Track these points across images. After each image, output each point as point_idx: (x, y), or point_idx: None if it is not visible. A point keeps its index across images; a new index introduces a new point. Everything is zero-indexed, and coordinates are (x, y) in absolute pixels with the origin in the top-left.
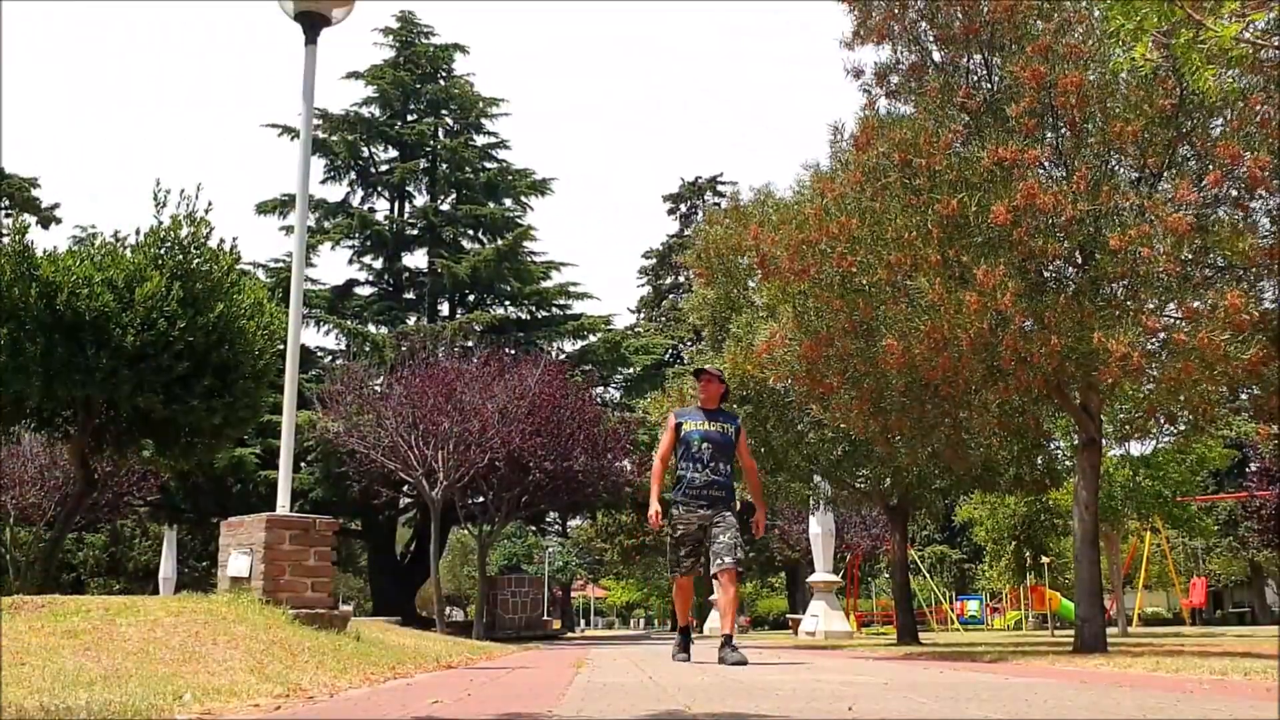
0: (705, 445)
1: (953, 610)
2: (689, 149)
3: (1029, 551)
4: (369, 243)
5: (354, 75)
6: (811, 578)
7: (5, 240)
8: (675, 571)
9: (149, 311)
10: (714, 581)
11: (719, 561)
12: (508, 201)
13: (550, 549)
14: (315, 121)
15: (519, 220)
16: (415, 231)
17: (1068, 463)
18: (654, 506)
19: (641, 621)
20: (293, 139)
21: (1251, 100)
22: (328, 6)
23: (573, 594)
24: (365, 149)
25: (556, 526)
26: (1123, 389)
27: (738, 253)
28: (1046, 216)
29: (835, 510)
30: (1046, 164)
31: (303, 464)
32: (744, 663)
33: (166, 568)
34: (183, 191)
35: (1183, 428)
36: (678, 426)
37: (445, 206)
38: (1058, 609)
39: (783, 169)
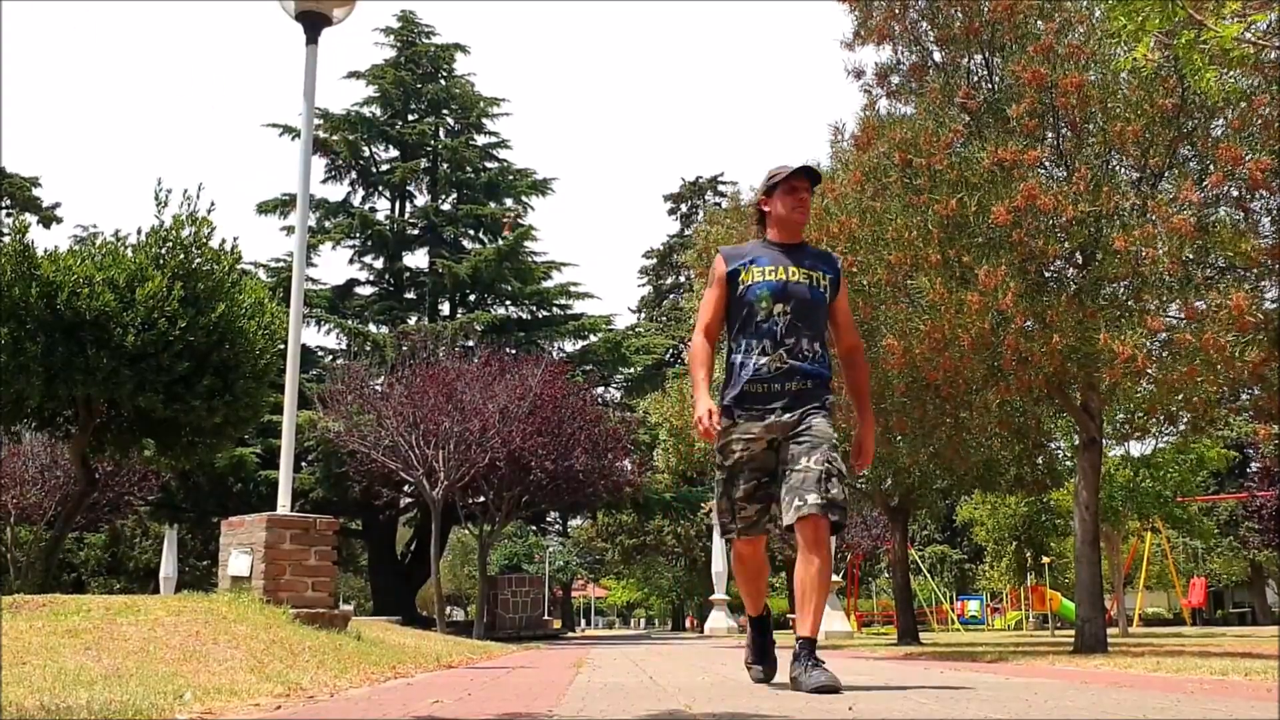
0: (780, 308)
1: (953, 610)
2: (689, 149)
3: (1030, 552)
4: (370, 242)
5: (355, 75)
6: None
7: (6, 240)
8: (731, 531)
9: (150, 311)
10: (797, 536)
11: (799, 502)
12: (508, 201)
13: (551, 549)
14: (316, 121)
15: (520, 220)
16: (416, 231)
17: (1068, 463)
18: (703, 403)
19: (642, 621)
20: (294, 139)
21: (1255, 102)
22: (329, 6)
23: (573, 594)
24: (366, 149)
25: (557, 526)
26: (1124, 389)
27: None
28: (1047, 217)
29: None
30: (1047, 164)
31: (303, 464)
32: (835, 687)
33: (167, 567)
34: (184, 191)
35: (1183, 428)
36: (732, 276)
37: (446, 206)
38: (1058, 609)
39: None
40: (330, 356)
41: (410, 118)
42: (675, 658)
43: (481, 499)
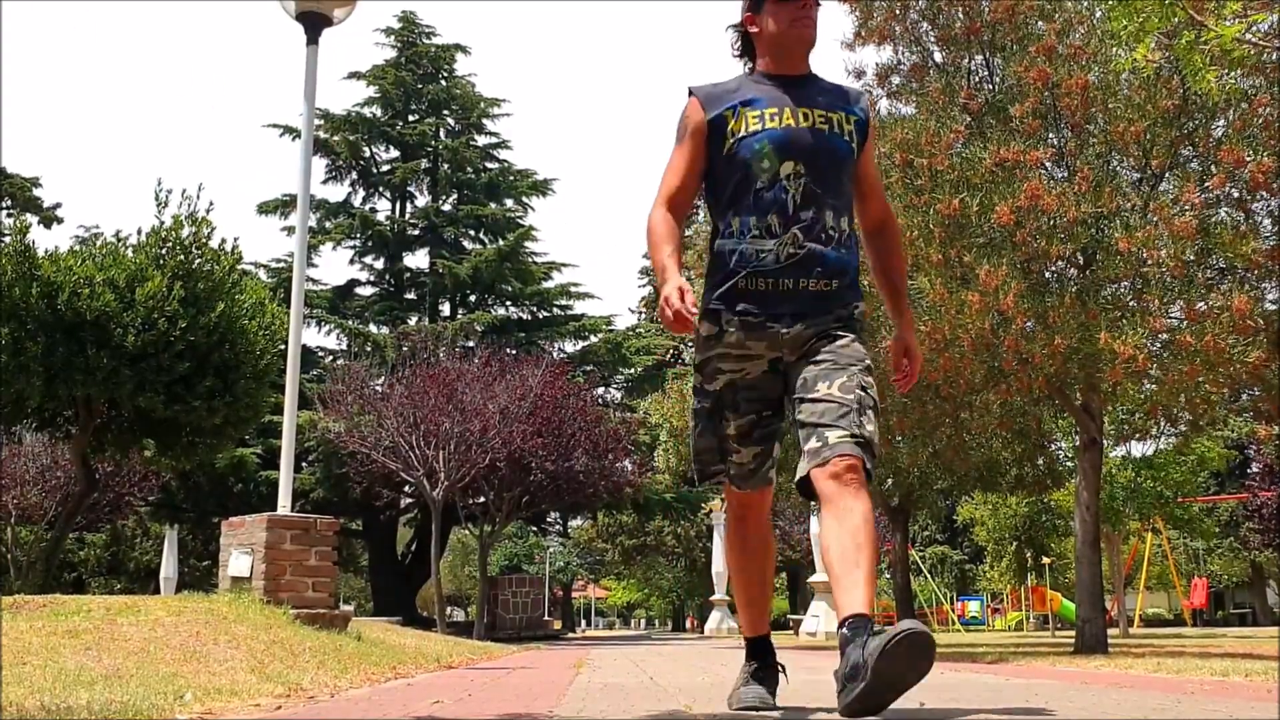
0: (790, 168)
1: (954, 611)
2: None
3: (1030, 552)
4: (370, 243)
5: (355, 75)
6: (812, 578)
7: (7, 240)
8: (712, 475)
9: (150, 311)
10: (816, 489)
11: (816, 442)
12: (509, 202)
13: (551, 549)
14: (317, 122)
15: (520, 220)
16: (416, 232)
17: (1069, 463)
18: (672, 279)
19: (642, 622)
20: (294, 139)
21: (1256, 103)
22: (329, 6)
23: (573, 594)
24: (366, 149)
25: (557, 527)
26: (1124, 389)
27: None
28: (1049, 217)
29: None
30: (1049, 164)
31: (304, 464)
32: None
33: (167, 567)
34: (184, 191)
35: (1183, 428)
36: (715, 126)
37: (446, 207)
38: (1059, 610)
39: None
40: (331, 357)
41: (411, 118)
42: (675, 658)
43: (482, 499)
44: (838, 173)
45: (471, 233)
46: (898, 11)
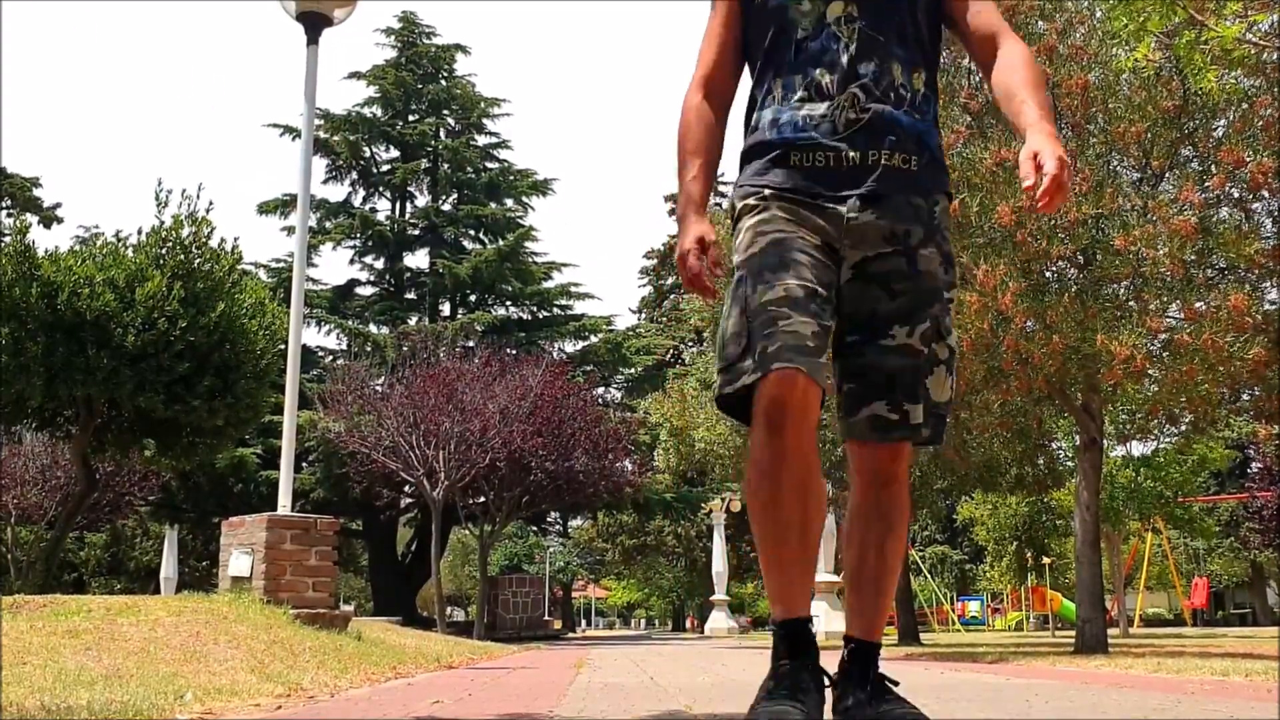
0: (839, 9)
1: (954, 611)
2: None
3: (1030, 552)
4: (370, 243)
5: (355, 75)
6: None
7: (7, 240)
8: (742, 369)
9: (150, 311)
10: (862, 464)
11: (898, 413)
12: (509, 202)
13: (551, 549)
14: (317, 122)
15: (520, 220)
16: (416, 232)
17: (1069, 463)
18: (693, 226)
19: (642, 622)
20: (294, 139)
21: (1257, 103)
22: (329, 7)
23: (574, 594)
24: (366, 149)
25: (557, 527)
26: (1125, 390)
27: None
28: (1050, 218)
29: (837, 511)
30: None
31: (304, 464)
32: None
33: (168, 567)
34: (184, 191)
35: (1184, 428)
36: None
37: (446, 207)
38: (1059, 610)
39: None
40: (331, 357)
41: (411, 118)
42: (676, 658)
43: (482, 499)
44: (902, 11)
45: (471, 233)
46: None
